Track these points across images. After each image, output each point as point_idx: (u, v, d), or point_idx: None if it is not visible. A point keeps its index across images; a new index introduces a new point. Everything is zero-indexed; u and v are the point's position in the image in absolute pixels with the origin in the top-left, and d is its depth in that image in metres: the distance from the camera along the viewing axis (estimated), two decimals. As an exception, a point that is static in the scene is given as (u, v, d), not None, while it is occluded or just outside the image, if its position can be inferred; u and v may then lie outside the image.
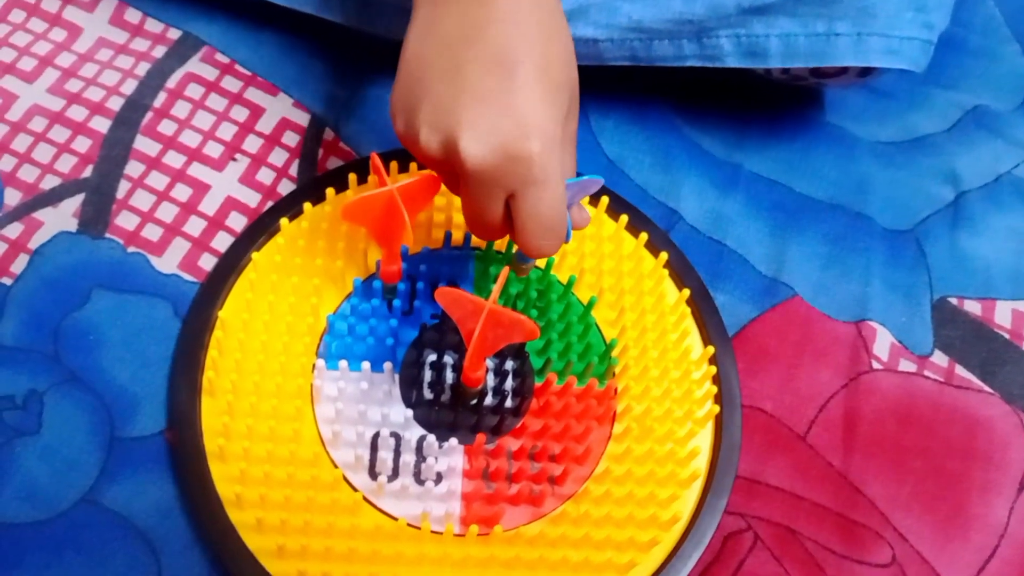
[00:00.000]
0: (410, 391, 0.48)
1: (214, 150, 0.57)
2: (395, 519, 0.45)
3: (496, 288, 0.41)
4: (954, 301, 0.58)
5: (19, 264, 0.52)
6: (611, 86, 0.63)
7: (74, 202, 0.54)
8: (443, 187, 0.46)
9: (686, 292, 0.52)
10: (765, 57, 0.56)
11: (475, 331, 0.41)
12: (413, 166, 0.55)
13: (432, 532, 0.44)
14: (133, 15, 0.63)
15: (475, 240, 0.54)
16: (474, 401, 0.48)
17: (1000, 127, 0.67)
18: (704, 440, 0.49)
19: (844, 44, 0.55)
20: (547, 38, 0.40)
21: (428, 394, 0.48)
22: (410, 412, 0.48)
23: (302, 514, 0.44)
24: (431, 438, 0.47)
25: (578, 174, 0.45)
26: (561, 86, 0.41)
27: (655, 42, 0.57)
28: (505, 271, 0.43)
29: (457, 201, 0.55)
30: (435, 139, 0.40)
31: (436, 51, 0.41)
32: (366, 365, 0.48)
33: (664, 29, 0.57)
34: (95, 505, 0.46)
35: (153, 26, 0.62)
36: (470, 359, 0.45)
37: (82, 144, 0.57)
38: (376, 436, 0.47)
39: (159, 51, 0.61)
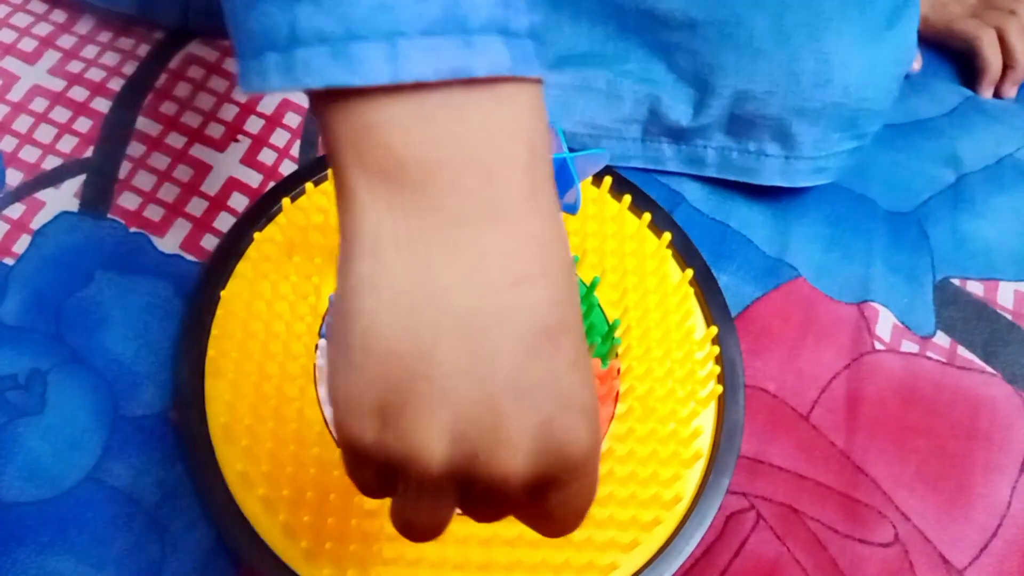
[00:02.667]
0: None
1: (215, 131, 0.57)
2: (399, 497, 0.45)
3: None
4: (956, 282, 0.58)
5: (21, 244, 0.52)
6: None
7: (75, 182, 0.54)
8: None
9: (689, 272, 0.52)
10: (702, 165, 0.59)
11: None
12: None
13: (436, 510, 0.44)
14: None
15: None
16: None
17: (999, 114, 0.68)
18: (707, 420, 0.49)
19: (772, 164, 0.57)
20: (564, 271, 0.28)
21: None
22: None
23: (307, 493, 0.44)
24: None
25: (578, 149, 0.45)
26: (580, 322, 0.30)
27: (603, 140, 0.59)
28: None
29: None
30: (448, 452, 0.27)
31: (436, 329, 0.26)
32: (369, 344, 0.48)
33: (612, 128, 0.59)
34: (99, 483, 0.46)
35: (154, 7, 0.62)
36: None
37: (83, 125, 0.56)
38: (379, 415, 0.47)
39: (160, 32, 0.61)
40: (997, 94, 0.70)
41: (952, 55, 0.71)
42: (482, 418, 0.26)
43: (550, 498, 0.29)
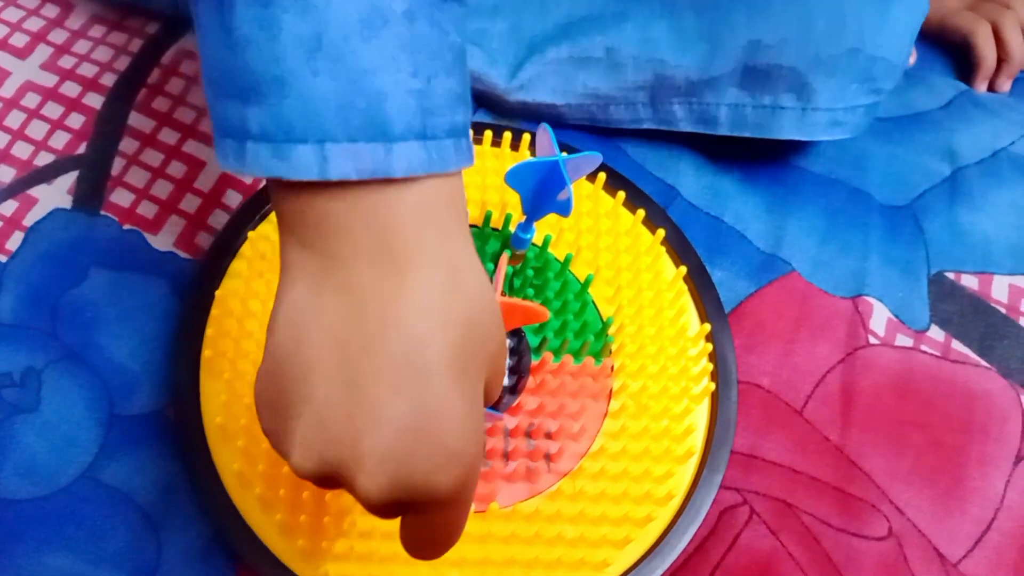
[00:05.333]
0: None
1: (209, 126, 0.57)
2: (393, 495, 0.45)
3: (498, 277, 0.41)
4: (951, 276, 0.58)
5: (14, 241, 0.52)
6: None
7: (69, 179, 0.54)
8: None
9: (683, 269, 0.52)
10: (715, 124, 0.58)
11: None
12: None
13: (430, 508, 0.45)
14: (126, -9, 0.62)
15: (471, 216, 0.54)
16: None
17: (995, 107, 0.67)
18: (700, 417, 0.50)
19: (789, 117, 0.56)
20: (465, 324, 0.31)
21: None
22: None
23: (303, 491, 0.44)
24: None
25: (575, 151, 0.45)
26: (481, 373, 0.32)
27: (611, 107, 0.59)
28: (504, 259, 0.42)
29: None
30: (312, 463, 0.30)
31: (320, 350, 0.30)
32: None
33: (619, 95, 0.58)
34: (95, 481, 0.46)
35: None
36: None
37: (76, 121, 0.56)
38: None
39: (152, 27, 0.61)
40: (992, 88, 0.69)
41: (948, 48, 0.71)
42: (343, 442, 0.29)
43: (408, 521, 0.33)
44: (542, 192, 0.46)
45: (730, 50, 0.55)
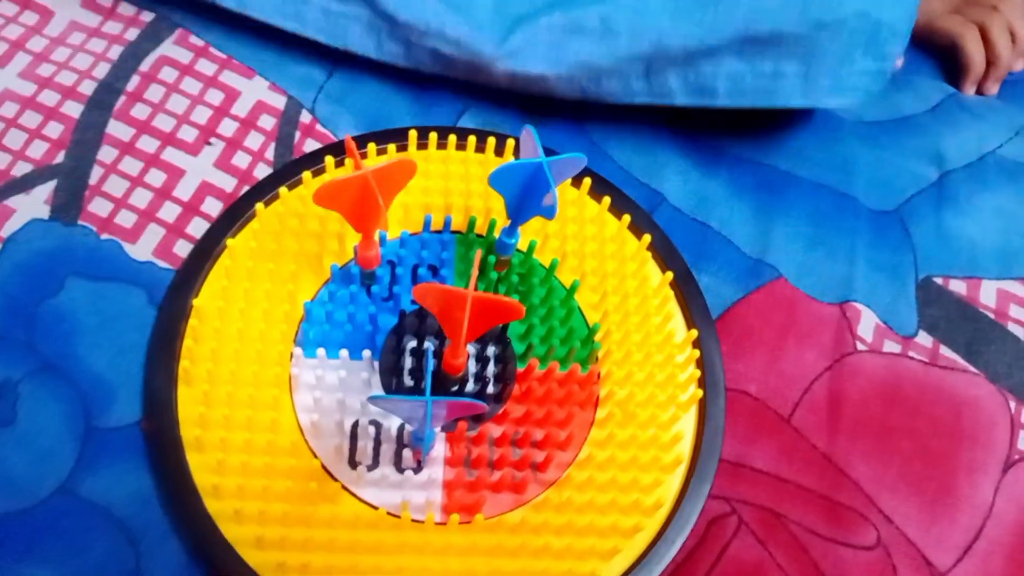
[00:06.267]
0: (390, 379, 0.48)
1: (188, 134, 0.56)
2: (375, 508, 0.44)
3: (473, 273, 0.41)
4: (939, 281, 0.58)
5: (-9, 252, 0.51)
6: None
7: (46, 188, 0.53)
8: (421, 168, 0.45)
9: (669, 275, 0.52)
10: (713, 96, 0.56)
11: (463, 322, 0.40)
12: (391, 148, 0.54)
13: (413, 521, 0.44)
14: (105, -1, 0.62)
15: (456, 223, 0.53)
16: (455, 387, 0.48)
17: (982, 111, 0.67)
18: (687, 425, 0.49)
19: (791, 84, 0.55)
20: None
21: (408, 381, 0.48)
22: (391, 399, 0.47)
23: (281, 504, 0.43)
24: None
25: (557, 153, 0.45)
26: None
27: (604, 80, 0.57)
28: (479, 255, 0.42)
29: (438, 184, 0.54)
30: None
31: None
32: (344, 352, 0.48)
33: (612, 67, 0.56)
34: (72, 495, 0.45)
35: (126, 9, 0.61)
36: (454, 349, 0.44)
37: (54, 129, 0.55)
38: (356, 425, 0.46)
39: (132, 34, 0.60)
40: (980, 91, 0.69)
41: (934, 52, 0.71)
42: None
43: None
44: (526, 195, 0.45)
45: (730, 16, 0.53)
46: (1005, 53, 0.68)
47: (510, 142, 0.55)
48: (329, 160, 0.53)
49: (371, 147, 0.54)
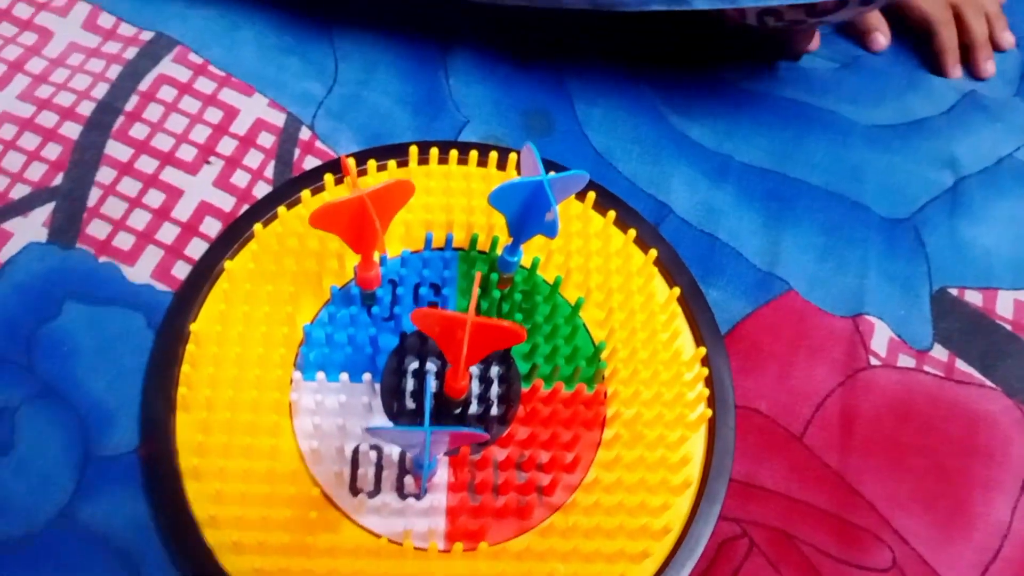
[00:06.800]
0: (391, 401, 0.47)
1: (187, 153, 0.56)
2: (378, 537, 0.43)
3: (473, 296, 0.40)
4: (954, 292, 0.56)
5: (-11, 276, 0.51)
6: (596, 75, 0.61)
7: (44, 211, 0.53)
8: (422, 184, 0.44)
9: (676, 290, 0.51)
10: None
11: (462, 347, 0.39)
12: (391, 164, 0.53)
13: (416, 549, 0.43)
14: (107, 19, 0.61)
15: (458, 240, 0.52)
16: (458, 410, 0.47)
17: (998, 111, 0.65)
18: (696, 445, 0.48)
19: None
20: None
21: (410, 404, 0.47)
22: (392, 424, 0.46)
23: (281, 534, 0.42)
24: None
25: (562, 169, 0.44)
26: None
27: None
28: (478, 277, 0.41)
29: (439, 200, 0.53)
30: None
31: None
32: (344, 376, 0.47)
33: None
34: (71, 521, 0.45)
35: (126, 30, 0.61)
36: (454, 373, 0.43)
37: (52, 151, 0.55)
38: (356, 450, 0.45)
39: (131, 52, 0.59)
40: (978, 74, 0.68)
41: (915, 39, 0.70)
42: None
43: None
44: (527, 213, 0.44)
45: None
46: (980, 31, 0.67)
47: (512, 156, 0.54)
48: (328, 178, 0.52)
49: (371, 163, 0.53)
